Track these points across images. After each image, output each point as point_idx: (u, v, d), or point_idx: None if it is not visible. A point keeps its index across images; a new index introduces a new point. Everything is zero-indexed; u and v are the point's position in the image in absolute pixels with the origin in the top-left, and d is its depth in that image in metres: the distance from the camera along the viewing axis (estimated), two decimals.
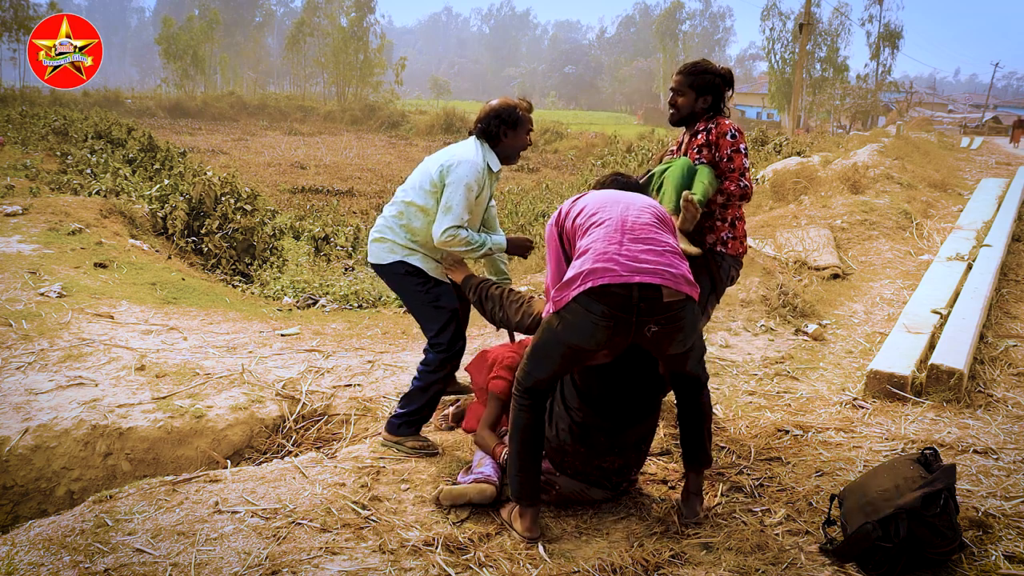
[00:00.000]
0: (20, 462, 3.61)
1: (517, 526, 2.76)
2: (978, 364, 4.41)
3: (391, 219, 3.43)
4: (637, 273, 2.45)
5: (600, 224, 2.64)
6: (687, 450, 2.85)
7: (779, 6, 50.15)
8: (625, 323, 2.47)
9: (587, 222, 2.69)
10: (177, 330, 5.32)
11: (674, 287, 2.48)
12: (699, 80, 3.36)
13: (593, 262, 2.50)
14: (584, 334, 2.51)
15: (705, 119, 3.42)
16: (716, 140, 3.34)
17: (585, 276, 2.48)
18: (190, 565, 2.46)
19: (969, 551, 2.49)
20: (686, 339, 2.58)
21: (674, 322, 2.51)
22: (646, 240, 2.56)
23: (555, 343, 2.60)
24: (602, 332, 2.49)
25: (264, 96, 54.94)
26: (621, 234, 2.57)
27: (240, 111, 46.69)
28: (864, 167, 11.54)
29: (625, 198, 2.79)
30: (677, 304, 2.50)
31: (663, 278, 2.46)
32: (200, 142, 28.67)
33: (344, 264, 10.40)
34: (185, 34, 55.11)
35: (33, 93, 38.01)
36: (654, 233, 2.61)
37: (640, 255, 2.50)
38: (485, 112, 3.37)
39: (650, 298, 2.46)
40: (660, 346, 2.58)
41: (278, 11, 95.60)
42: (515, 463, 2.74)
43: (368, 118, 47.74)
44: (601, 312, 2.46)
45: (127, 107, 40.95)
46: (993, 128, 37.67)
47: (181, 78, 54.66)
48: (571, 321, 2.51)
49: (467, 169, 3.25)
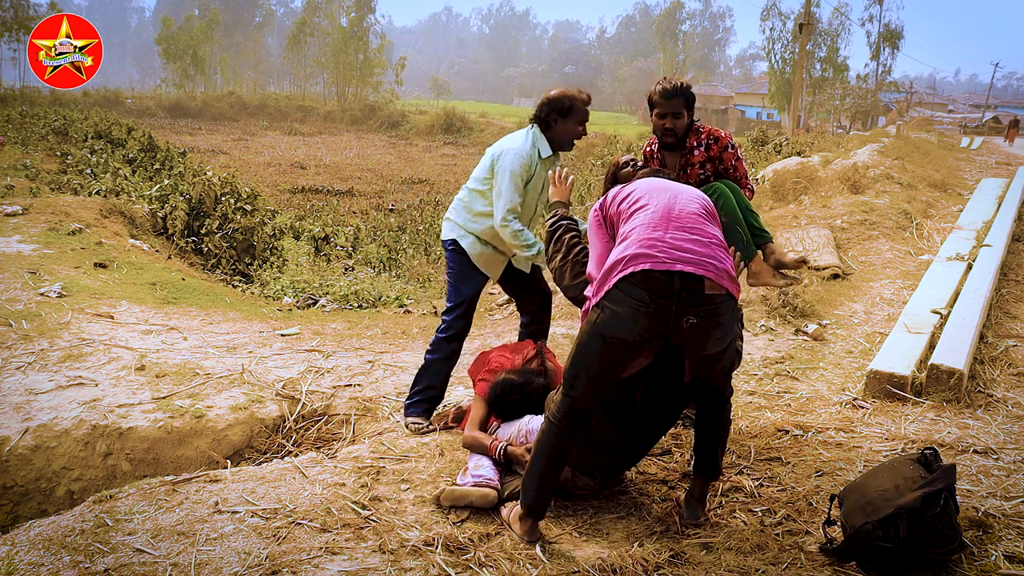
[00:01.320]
0: (20, 462, 3.61)
1: (517, 528, 2.75)
2: (978, 364, 4.41)
3: (458, 201, 3.73)
4: (680, 261, 2.40)
5: (644, 208, 2.59)
6: (699, 460, 2.82)
7: (779, 6, 50.28)
8: (665, 311, 2.40)
9: (632, 207, 2.65)
10: (177, 330, 5.32)
11: (716, 280, 2.42)
12: (689, 99, 3.42)
13: (637, 247, 2.45)
14: (625, 322, 2.42)
15: (693, 133, 3.48)
16: (719, 155, 3.46)
17: (627, 261, 2.43)
18: (190, 565, 2.46)
19: (969, 551, 2.49)
20: (723, 337, 2.51)
21: (713, 316, 2.44)
22: (692, 229, 2.51)
23: (596, 338, 2.49)
24: (643, 319, 2.40)
25: (264, 96, 54.92)
26: (667, 221, 2.52)
27: (240, 111, 46.69)
28: (864, 167, 11.53)
29: (673, 187, 2.74)
30: (718, 298, 2.44)
31: (706, 269, 2.41)
32: (200, 142, 28.67)
33: (344, 264, 10.40)
34: (185, 34, 55.10)
35: (33, 93, 38.00)
36: (700, 224, 2.56)
37: (684, 244, 2.45)
38: (542, 100, 3.59)
39: (691, 288, 2.39)
40: (696, 342, 2.48)
41: (278, 11, 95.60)
42: (535, 478, 2.67)
43: (368, 118, 47.73)
44: (642, 298, 2.39)
45: (127, 107, 40.95)
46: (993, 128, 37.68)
47: (181, 78, 54.65)
48: (612, 310, 2.44)
49: (511, 158, 3.49)
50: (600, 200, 2.88)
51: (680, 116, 3.40)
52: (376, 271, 10.27)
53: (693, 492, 2.86)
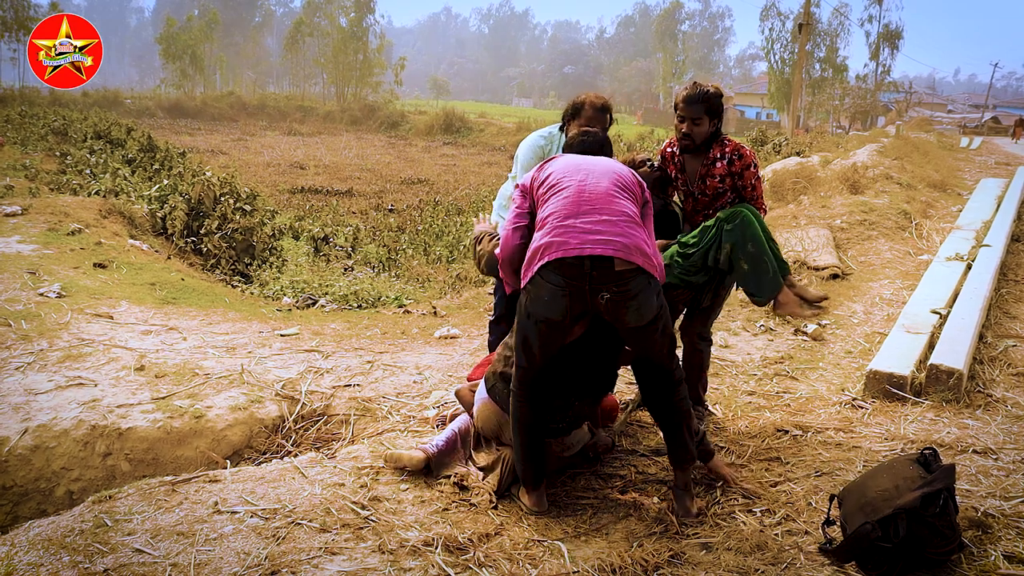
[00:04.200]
0: (20, 462, 3.61)
1: (526, 502, 2.95)
2: (977, 364, 4.41)
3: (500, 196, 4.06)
4: (588, 244, 2.61)
5: (558, 192, 2.77)
6: (670, 448, 2.93)
7: (778, 6, 50.17)
8: (580, 291, 2.65)
9: (548, 191, 2.81)
10: (176, 330, 5.32)
11: (625, 257, 2.61)
12: (712, 105, 3.40)
13: (550, 236, 2.68)
14: (547, 304, 2.69)
15: (717, 144, 3.46)
16: (740, 172, 3.44)
17: (543, 251, 2.67)
18: (190, 565, 2.46)
19: (968, 551, 2.50)
20: (641, 309, 2.67)
21: (625, 289, 2.64)
22: (601, 209, 2.69)
23: (528, 319, 2.76)
24: (562, 300, 2.67)
25: (263, 96, 54.87)
26: (578, 204, 2.70)
27: (239, 111, 46.66)
28: (863, 167, 11.54)
29: (587, 165, 2.88)
30: (628, 273, 2.63)
31: (614, 248, 2.61)
32: (199, 142, 28.64)
33: (343, 264, 10.40)
34: (184, 34, 55.07)
35: (33, 93, 37.97)
36: (610, 202, 2.72)
37: (594, 226, 2.64)
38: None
39: (602, 267, 2.61)
40: (617, 314, 2.69)
41: (277, 11, 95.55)
42: (520, 454, 2.94)
43: (367, 118, 47.68)
44: (558, 283, 2.65)
45: (126, 107, 40.92)
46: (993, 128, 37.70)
47: (180, 78, 54.61)
48: (536, 294, 2.71)
49: (523, 146, 3.84)
50: (525, 179, 2.99)
51: (700, 122, 3.39)
52: (375, 271, 10.27)
53: (677, 483, 2.95)
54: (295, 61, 64.42)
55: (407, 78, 67.78)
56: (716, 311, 3.79)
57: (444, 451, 3.20)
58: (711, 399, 4.05)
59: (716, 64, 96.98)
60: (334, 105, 53.11)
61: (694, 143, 3.45)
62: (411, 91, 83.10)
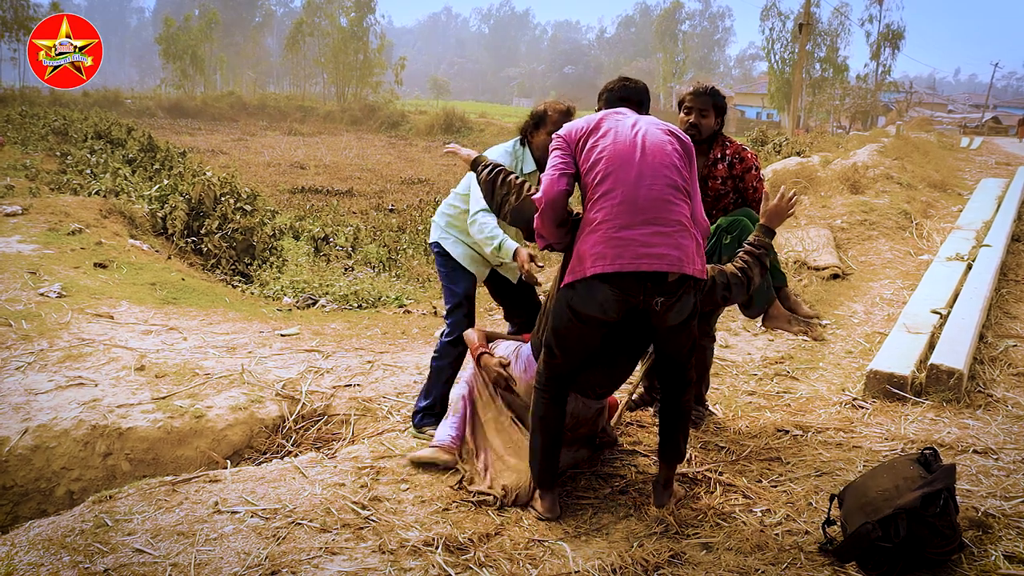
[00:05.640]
0: (20, 462, 3.61)
1: (537, 506, 2.94)
2: (978, 364, 4.41)
3: (443, 205, 3.76)
4: (644, 259, 2.59)
5: (611, 194, 2.66)
6: (662, 444, 2.95)
7: (779, 6, 50.10)
8: (634, 299, 2.66)
9: (598, 190, 2.68)
10: (177, 330, 5.32)
11: (678, 271, 2.61)
12: (719, 101, 3.43)
13: (605, 246, 2.62)
14: (601, 306, 2.68)
15: (719, 144, 3.49)
16: (741, 175, 3.47)
17: (595, 260, 2.63)
18: (190, 565, 2.46)
19: (969, 551, 2.50)
20: (682, 310, 2.71)
21: (675, 297, 2.67)
22: (656, 220, 2.62)
23: (570, 313, 2.73)
24: (615, 304, 2.67)
25: (264, 96, 54.83)
26: (632, 213, 2.62)
27: (240, 111, 46.64)
28: (864, 167, 11.53)
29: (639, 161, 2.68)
30: (679, 282, 2.65)
31: (668, 263, 2.59)
32: (200, 142, 28.64)
33: (344, 264, 10.39)
34: (184, 34, 55.05)
35: (33, 93, 37.97)
36: (665, 209, 2.64)
37: (650, 239, 2.60)
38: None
39: (655, 278, 2.62)
40: (663, 316, 2.71)
41: (278, 11, 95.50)
42: (537, 454, 2.92)
43: (368, 118, 47.65)
44: (613, 291, 2.64)
45: (127, 107, 40.91)
46: (993, 128, 37.68)
47: (180, 78, 54.59)
48: (587, 294, 2.68)
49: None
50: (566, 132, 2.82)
51: (707, 115, 3.42)
52: (376, 271, 10.26)
53: (659, 479, 2.97)
54: (295, 61, 64.38)
55: (407, 78, 67.74)
56: (719, 312, 3.80)
57: (459, 438, 3.26)
58: (711, 399, 4.05)
59: (716, 64, 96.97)
60: (334, 105, 53.08)
61: (700, 135, 3.44)
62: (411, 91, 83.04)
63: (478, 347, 3.35)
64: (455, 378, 3.61)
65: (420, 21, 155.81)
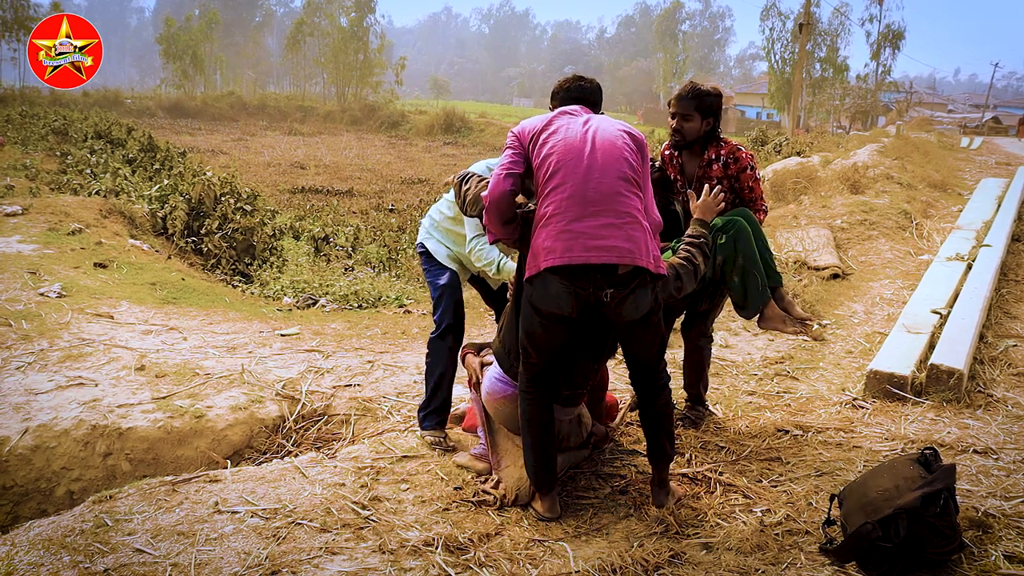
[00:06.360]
0: (20, 462, 3.61)
1: (537, 507, 2.95)
2: (978, 364, 4.41)
3: (432, 209, 3.81)
4: (594, 253, 2.63)
5: (561, 187, 2.69)
6: (648, 447, 2.98)
7: (779, 6, 50.02)
8: (585, 291, 2.70)
9: (548, 184, 2.72)
10: (177, 330, 5.32)
11: (629, 262, 2.64)
12: (703, 103, 3.39)
13: (556, 239, 2.66)
14: (556, 300, 2.72)
15: (713, 145, 3.46)
16: (736, 175, 3.45)
17: (547, 254, 2.67)
18: (190, 565, 2.46)
19: (969, 551, 2.50)
20: (637, 302, 2.72)
21: (626, 289, 2.69)
22: (606, 211, 2.66)
23: (533, 312, 2.78)
24: (568, 298, 2.70)
25: (264, 96, 54.81)
26: (582, 205, 2.66)
27: (240, 111, 46.62)
28: (864, 167, 11.53)
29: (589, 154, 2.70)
30: (629, 274, 2.68)
31: (618, 255, 2.63)
32: (200, 142, 28.63)
33: (344, 264, 10.39)
34: (184, 34, 55.03)
35: (33, 93, 37.96)
36: (615, 201, 2.67)
37: (600, 231, 2.63)
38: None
39: (606, 270, 2.66)
40: (616, 309, 2.73)
41: (278, 11, 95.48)
42: (531, 455, 2.94)
43: (368, 118, 47.62)
44: (564, 283, 2.69)
45: (127, 107, 40.89)
46: (993, 128, 37.66)
47: (181, 78, 54.58)
48: (543, 291, 2.73)
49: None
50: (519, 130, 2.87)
51: (689, 119, 3.40)
52: (376, 271, 10.26)
53: (653, 480, 3.00)
54: (295, 61, 64.34)
55: (407, 78, 67.71)
56: (715, 312, 3.79)
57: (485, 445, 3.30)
58: (711, 399, 4.05)
59: (716, 64, 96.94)
60: (334, 105, 53.04)
61: (684, 139, 3.45)
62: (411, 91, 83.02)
63: (465, 350, 3.45)
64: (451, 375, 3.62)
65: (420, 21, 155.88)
